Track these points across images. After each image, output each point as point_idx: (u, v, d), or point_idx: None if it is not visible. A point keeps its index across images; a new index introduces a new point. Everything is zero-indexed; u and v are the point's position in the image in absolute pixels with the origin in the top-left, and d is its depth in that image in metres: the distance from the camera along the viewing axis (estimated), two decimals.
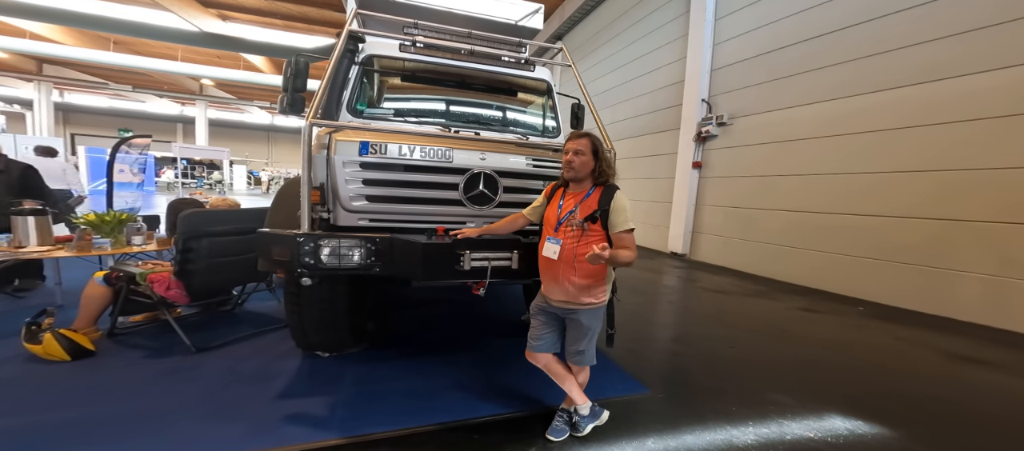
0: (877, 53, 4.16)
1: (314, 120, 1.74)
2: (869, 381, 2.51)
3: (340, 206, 1.86)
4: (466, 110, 2.87)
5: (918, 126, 3.86)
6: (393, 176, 1.92)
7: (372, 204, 1.91)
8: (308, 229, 1.72)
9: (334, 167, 1.81)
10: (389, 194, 1.93)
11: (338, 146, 1.82)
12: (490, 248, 1.92)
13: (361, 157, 1.84)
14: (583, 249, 1.61)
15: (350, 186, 1.85)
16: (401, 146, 1.90)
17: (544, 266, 1.74)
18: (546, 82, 3.03)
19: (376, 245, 1.78)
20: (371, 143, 1.84)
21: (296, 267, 1.69)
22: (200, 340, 2.52)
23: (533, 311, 1.87)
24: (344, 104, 2.44)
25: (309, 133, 1.71)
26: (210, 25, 11.69)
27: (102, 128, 23.76)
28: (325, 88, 1.92)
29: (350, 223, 1.90)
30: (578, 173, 1.67)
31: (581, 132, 1.70)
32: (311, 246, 1.68)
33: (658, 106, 7.29)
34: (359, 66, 2.58)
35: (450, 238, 1.88)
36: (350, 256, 1.75)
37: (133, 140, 4.77)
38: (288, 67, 2.20)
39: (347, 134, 1.88)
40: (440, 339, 2.91)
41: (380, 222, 1.96)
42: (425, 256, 1.82)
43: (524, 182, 2.12)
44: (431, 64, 2.70)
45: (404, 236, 1.87)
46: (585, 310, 1.68)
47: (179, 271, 2.45)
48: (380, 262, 1.81)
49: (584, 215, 1.63)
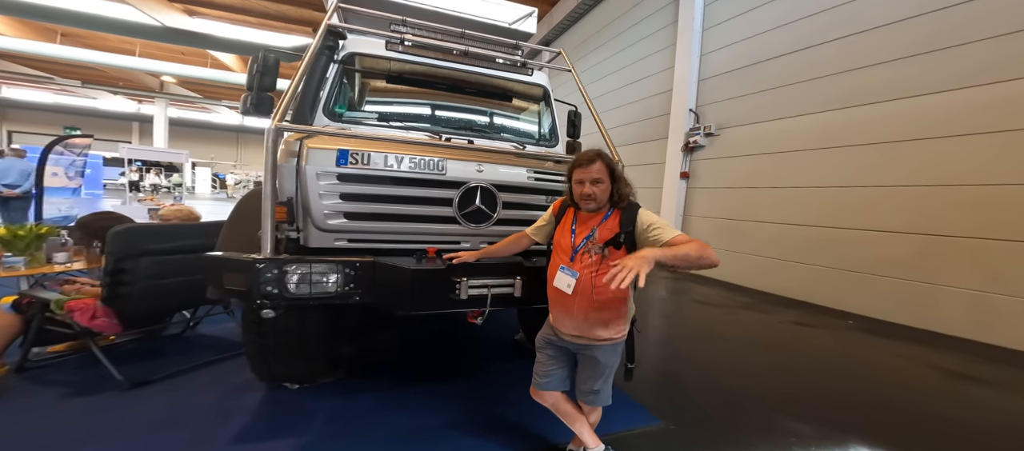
0: (863, 67, 4.24)
1: (281, 123, 1.45)
2: (881, 405, 2.41)
3: (312, 224, 1.57)
4: (458, 116, 2.63)
5: (904, 141, 3.94)
6: (377, 190, 1.65)
7: (351, 222, 1.63)
8: (271, 252, 1.43)
9: (305, 179, 1.53)
10: (372, 211, 1.66)
11: (310, 154, 1.54)
12: (490, 273, 1.67)
13: (338, 168, 1.56)
14: (602, 280, 1.40)
15: (325, 201, 1.57)
16: (387, 156, 1.63)
17: (555, 297, 1.51)
18: (543, 87, 2.83)
19: (356, 270, 1.51)
20: (351, 152, 1.57)
21: (256, 297, 1.39)
22: (138, 372, 2.13)
23: (540, 343, 1.64)
24: (320, 106, 2.15)
25: (274, 138, 1.43)
26: (175, 20, 10.88)
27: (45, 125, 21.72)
28: (296, 86, 1.64)
29: (324, 244, 1.62)
30: (601, 203, 1.45)
31: (590, 154, 1.45)
32: (275, 273, 1.39)
33: (646, 115, 7.29)
34: (339, 65, 2.30)
35: (443, 262, 1.63)
36: (324, 283, 1.47)
37: (70, 140, 4.20)
38: (254, 63, 1.91)
39: (322, 141, 1.60)
40: (427, 364, 2.63)
41: (360, 243, 1.68)
42: (414, 283, 1.56)
43: (526, 197, 1.90)
44: (420, 65, 2.45)
45: (389, 259, 1.60)
46: (602, 346, 1.46)
47: (108, 296, 2.06)
48: (360, 289, 1.54)
49: (604, 239, 1.41)
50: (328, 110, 2.16)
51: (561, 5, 10.01)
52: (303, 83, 2.06)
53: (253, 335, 1.84)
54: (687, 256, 1.22)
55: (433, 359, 2.73)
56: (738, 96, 5.58)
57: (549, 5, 10.40)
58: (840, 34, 4.44)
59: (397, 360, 2.67)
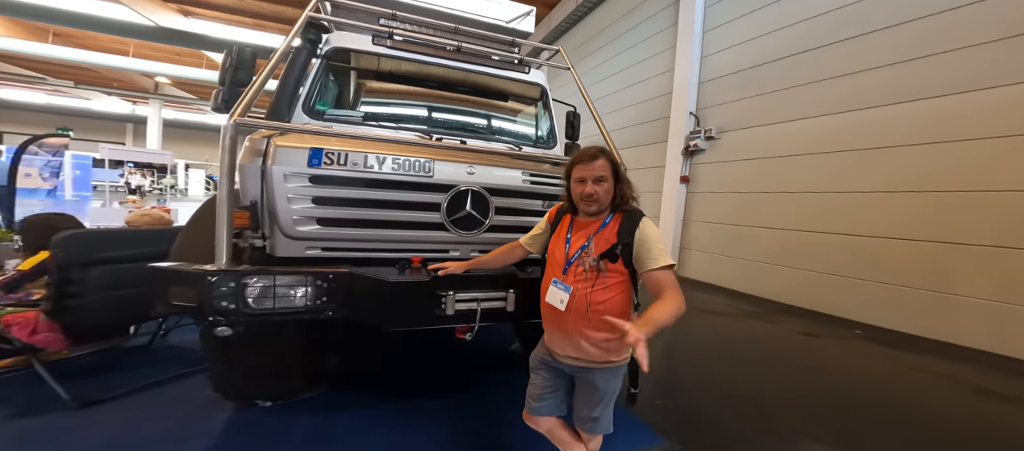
0: (869, 68, 4.13)
1: (242, 118, 1.30)
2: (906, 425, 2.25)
3: (280, 231, 1.42)
4: (450, 116, 2.49)
5: (912, 145, 3.82)
6: (355, 193, 1.50)
7: (325, 229, 1.48)
8: (227, 262, 1.27)
9: (272, 180, 1.38)
10: (349, 216, 1.51)
11: (278, 153, 1.39)
12: (479, 286, 1.52)
13: (311, 168, 1.41)
14: (600, 295, 1.24)
15: (294, 205, 1.42)
16: (367, 155, 1.48)
17: (548, 314, 1.36)
18: (541, 86, 2.70)
19: (328, 282, 1.36)
20: (326, 151, 1.42)
21: (208, 314, 1.23)
22: (92, 389, 1.96)
23: (534, 364, 1.49)
24: (300, 104, 2.00)
25: (233, 134, 1.28)
26: (169, 20, 10.72)
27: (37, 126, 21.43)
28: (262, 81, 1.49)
29: (294, 253, 1.47)
30: (602, 205, 1.30)
31: (592, 150, 1.31)
32: (231, 286, 1.24)
33: (646, 118, 7.19)
34: (323, 60, 2.16)
35: (428, 274, 1.48)
36: (291, 296, 1.32)
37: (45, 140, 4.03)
38: (227, 57, 1.77)
39: (293, 139, 1.45)
40: (415, 376, 2.47)
41: (336, 252, 1.53)
42: (395, 297, 1.41)
43: (521, 202, 1.75)
44: (410, 61, 2.32)
45: (367, 270, 1.45)
46: (601, 369, 1.31)
47: (53, 309, 1.86)
48: (334, 303, 1.38)
49: (600, 251, 1.26)
50: (309, 108, 2.01)
51: (560, 8, 9.93)
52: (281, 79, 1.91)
53: (214, 352, 1.67)
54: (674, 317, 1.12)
55: (422, 370, 2.57)
56: (739, 99, 5.47)
57: (548, 8, 10.32)
58: (844, 36, 4.34)
59: (383, 371, 2.51)
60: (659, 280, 1.20)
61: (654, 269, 1.21)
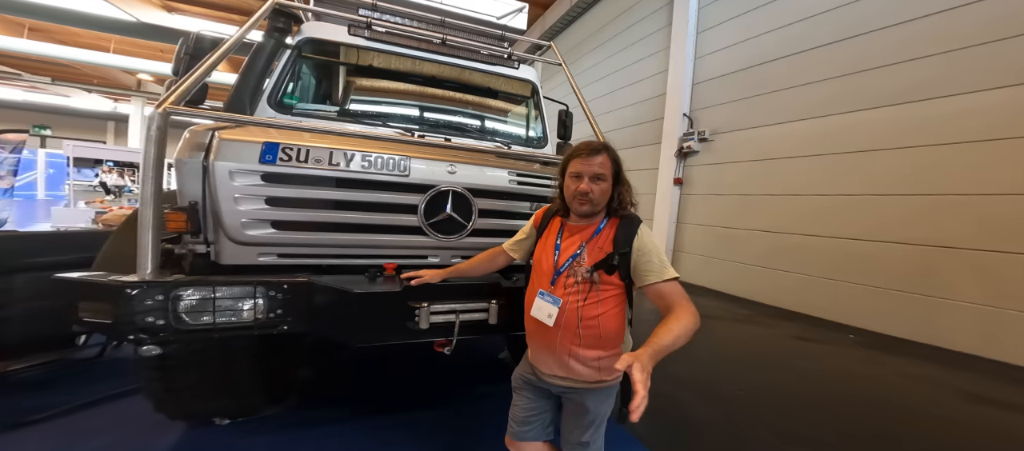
0: (862, 70, 4.09)
1: (174, 107, 1.15)
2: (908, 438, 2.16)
3: (225, 236, 1.27)
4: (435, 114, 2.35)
5: (903, 147, 3.79)
6: (318, 194, 1.35)
7: (282, 233, 1.33)
8: (154, 272, 1.11)
9: (215, 178, 1.22)
10: (311, 219, 1.36)
11: (222, 147, 1.23)
12: (458, 296, 1.39)
13: (263, 165, 1.26)
14: (591, 310, 1.11)
15: (243, 207, 1.26)
16: (333, 152, 1.34)
17: (533, 329, 1.23)
18: (532, 83, 2.57)
19: (283, 292, 1.21)
20: (283, 147, 1.28)
21: (128, 332, 1.07)
22: (25, 409, 1.76)
23: (516, 383, 1.36)
24: (264, 96, 1.84)
25: (160, 124, 1.13)
26: (152, 16, 10.37)
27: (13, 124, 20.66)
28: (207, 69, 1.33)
29: (244, 260, 1.31)
30: (597, 206, 1.17)
31: (594, 143, 1.18)
32: (158, 299, 1.08)
33: (640, 119, 7.12)
34: (294, 51, 2.01)
35: (400, 283, 1.34)
36: (237, 309, 1.16)
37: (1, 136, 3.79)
38: (183, 45, 1.62)
39: (243, 132, 1.30)
40: (395, 387, 2.31)
41: (296, 259, 1.38)
42: (362, 309, 1.27)
43: (508, 204, 1.62)
44: (391, 54, 2.18)
45: (330, 279, 1.30)
46: (592, 390, 1.18)
47: None
48: (290, 316, 1.24)
49: (594, 260, 1.14)
50: (275, 101, 1.86)
51: (554, 8, 9.86)
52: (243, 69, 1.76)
53: (147, 372, 1.49)
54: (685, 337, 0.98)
55: (402, 381, 2.41)
56: (733, 100, 5.43)
57: (542, 8, 10.25)
58: (835, 38, 4.31)
59: (358, 383, 2.35)
60: (665, 293, 1.07)
61: (659, 282, 1.08)
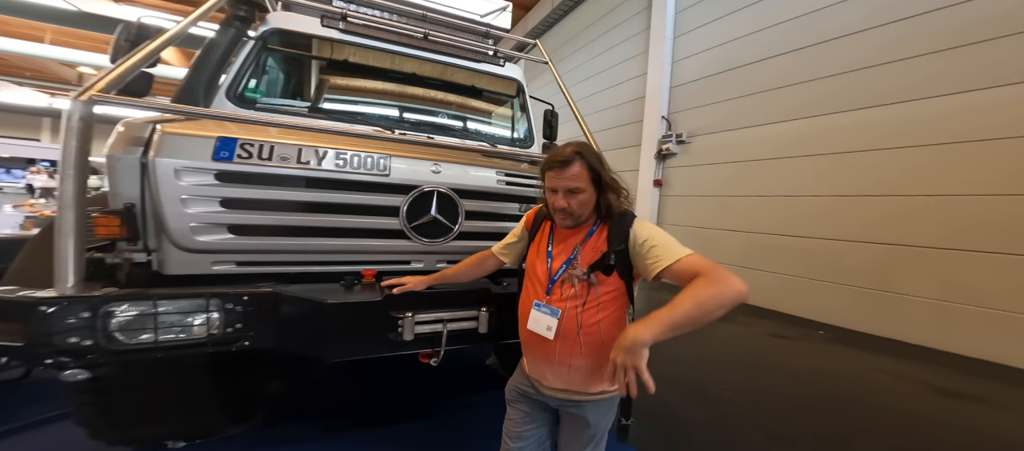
0: (827, 76, 4.29)
1: (102, 95, 1.00)
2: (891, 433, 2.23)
3: (171, 242, 1.12)
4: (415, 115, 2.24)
5: (865, 151, 3.99)
6: (283, 195, 1.22)
7: (240, 239, 1.19)
8: (77, 285, 0.96)
9: (157, 177, 1.07)
10: (274, 223, 1.23)
11: (164, 142, 1.09)
12: (445, 304, 1.30)
13: (218, 163, 1.12)
14: (591, 315, 1.05)
15: (192, 209, 1.12)
16: (302, 148, 1.21)
17: (529, 340, 1.15)
18: (517, 82, 2.50)
19: (243, 304, 1.09)
20: (243, 142, 1.14)
21: (44, 355, 0.92)
22: None
23: (511, 396, 1.28)
24: (222, 89, 1.67)
25: (82, 115, 0.98)
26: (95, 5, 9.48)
27: None
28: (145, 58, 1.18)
29: (195, 270, 1.17)
30: (580, 218, 1.10)
31: (565, 152, 1.07)
32: (85, 316, 0.94)
33: (621, 122, 7.21)
34: (258, 42, 1.84)
35: (381, 292, 1.23)
36: (186, 325, 1.03)
37: None
38: (123, 33, 1.44)
39: (193, 125, 1.16)
40: (372, 399, 2.18)
41: (258, 266, 1.24)
42: (337, 321, 1.15)
43: (496, 205, 1.54)
44: (368, 49, 2.04)
45: (300, 289, 1.17)
46: (593, 402, 1.12)
47: None
48: (252, 330, 1.11)
49: (589, 262, 1.07)
50: (235, 94, 1.69)
51: (536, 10, 9.89)
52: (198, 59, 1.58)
53: (77, 396, 1.30)
54: (699, 305, 0.84)
55: (383, 391, 2.28)
56: (708, 104, 5.58)
57: (524, 10, 10.25)
58: (806, 43, 4.50)
59: (336, 393, 2.19)
60: (684, 271, 0.94)
61: (670, 265, 0.97)
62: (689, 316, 0.84)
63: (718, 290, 0.86)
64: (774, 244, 4.72)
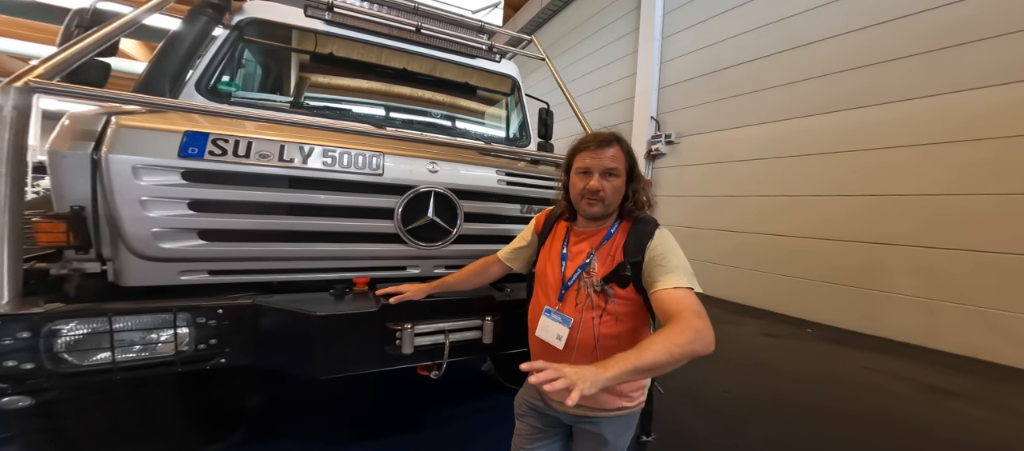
0: (808, 78, 4.39)
1: (42, 81, 0.86)
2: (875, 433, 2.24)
3: (129, 250, 0.99)
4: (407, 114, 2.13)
5: (846, 151, 4.09)
6: (263, 196, 1.10)
7: (212, 246, 1.06)
8: (9, 301, 0.83)
9: (110, 176, 0.94)
10: (253, 227, 1.10)
11: (120, 136, 0.95)
12: (447, 314, 1.20)
13: (185, 160, 1.00)
14: (609, 328, 0.97)
15: (154, 212, 0.99)
16: (285, 145, 1.10)
17: (540, 351, 1.07)
18: (512, 78, 2.42)
19: (216, 318, 0.97)
20: (214, 137, 1.02)
21: None
22: None
23: (520, 410, 1.19)
24: (192, 80, 1.52)
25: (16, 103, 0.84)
26: None
27: None
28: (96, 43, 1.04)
29: (159, 281, 1.04)
30: (609, 207, 1.02)
31: (605, 134, 1.02)
32: (21, 336, 0.82)
33: (610, 122, 7.01)
34: (234, 31, 1.70)
35: (376, 301, 1.12)
36: (150, 342, 0.91)
37: None
38: (73, 19, 1.30)
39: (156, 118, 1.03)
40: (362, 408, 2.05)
41: (233, 276, 1.12)
42: (327, 334, 1.04)
43: (497, 206, 1.45)
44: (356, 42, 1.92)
45: (284, 299, 1.06)
46: (611, 419, 1.04)
47: None
48: (228, 346, 1.00)
49: (604, 272, 0.99)
50: (206, 86, 1.54)
51: (525, 10, 9.85)
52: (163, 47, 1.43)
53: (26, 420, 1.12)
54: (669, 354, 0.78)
55: (371, 400, 2.15)
56: (697, 104, 5.64)
57: (513, 9, 10.20)
58: (788, 46, 4.59)
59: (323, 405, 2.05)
60: (667, 303, 0.88)
61: (665, 289, 0.90)
62: (658, 363, 0.78)
63: (689, 341, 0.80)
64: (763, 243, 4.78)
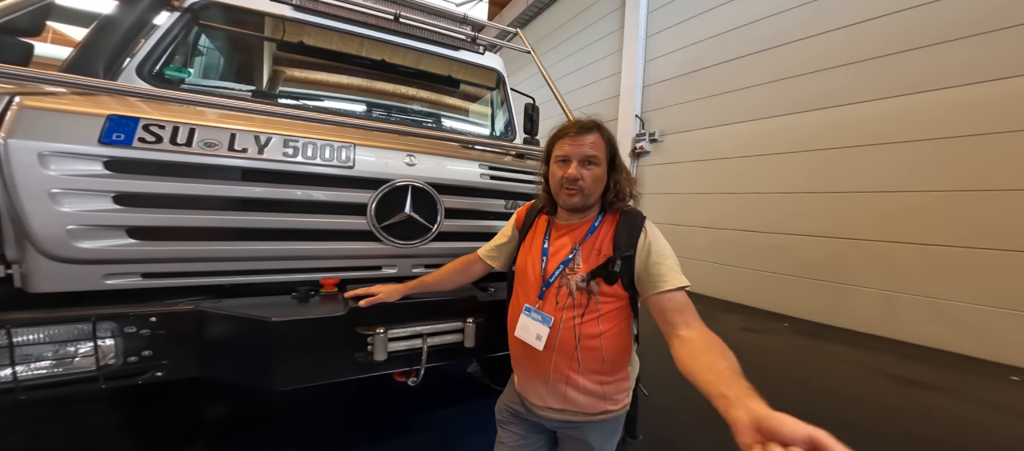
0: (782, 78, 4.51)
1: None
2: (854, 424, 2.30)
3: (38, 250, 0.87)
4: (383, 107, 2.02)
5: (811, 150, 4.24)
6: (206, 190, 0.99)
7: (145, 245, 0.95)
8: None
9: (12, 165, 0.82)
10: (194, 224, 0.99)
11: (23, 118, 0.84)
12: (424, 316, 1.13)
13: (108, 147, 0.88)
14: (591, 327, 0.93)
15: (69, 207, 0.87)
16: (235, 133, 0.99)
17: (520, 353, 1.02)
18: (497, 72, 2.35)
19: (150, 326, 0.87)
20: (145, 122, 0.90)
21: None
22: None
23: (502, 416, 1.14)
24: (133, 63, 1.38)
25: None
26: None
27: None
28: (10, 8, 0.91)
29: (78, 285, 0.92)
30: (590, 198, 0.98)
31: (585, 121, 1.01)
32: None
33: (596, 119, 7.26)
34: (187, 13, 1.55)
35: (345, 304, 1.04)
36: (65, 356, 0.81)
37: None
38: None
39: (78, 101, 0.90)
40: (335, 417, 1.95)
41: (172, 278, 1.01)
42: (285, 343, 0.95)
43: (480, 202, 1.39)
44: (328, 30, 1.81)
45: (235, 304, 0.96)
46: (596, 423, 1.00)
47: None
48: (166, 358, 0.90)
49: (591, 267, 0.95)
50: (149, 71, 1.40)
51: (510, 8, 9.74)
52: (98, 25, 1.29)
53: None
54: None
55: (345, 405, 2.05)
56: (679, 103, 5.71)
57: (498, 7, 10.09)
58: (764, 46, 4.71)
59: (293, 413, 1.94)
60: (668, 307, 0.89)
61: (669, 291, 0.90)
62: None
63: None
64: (740, 239, 4.90)
